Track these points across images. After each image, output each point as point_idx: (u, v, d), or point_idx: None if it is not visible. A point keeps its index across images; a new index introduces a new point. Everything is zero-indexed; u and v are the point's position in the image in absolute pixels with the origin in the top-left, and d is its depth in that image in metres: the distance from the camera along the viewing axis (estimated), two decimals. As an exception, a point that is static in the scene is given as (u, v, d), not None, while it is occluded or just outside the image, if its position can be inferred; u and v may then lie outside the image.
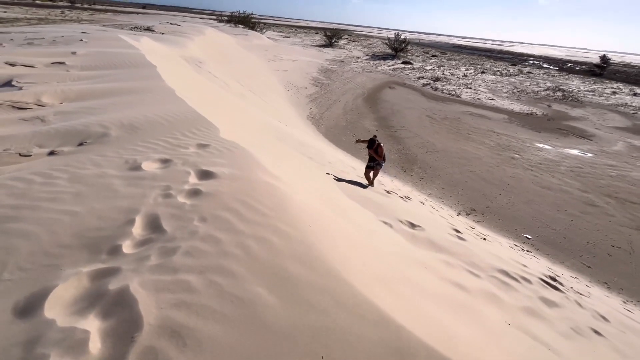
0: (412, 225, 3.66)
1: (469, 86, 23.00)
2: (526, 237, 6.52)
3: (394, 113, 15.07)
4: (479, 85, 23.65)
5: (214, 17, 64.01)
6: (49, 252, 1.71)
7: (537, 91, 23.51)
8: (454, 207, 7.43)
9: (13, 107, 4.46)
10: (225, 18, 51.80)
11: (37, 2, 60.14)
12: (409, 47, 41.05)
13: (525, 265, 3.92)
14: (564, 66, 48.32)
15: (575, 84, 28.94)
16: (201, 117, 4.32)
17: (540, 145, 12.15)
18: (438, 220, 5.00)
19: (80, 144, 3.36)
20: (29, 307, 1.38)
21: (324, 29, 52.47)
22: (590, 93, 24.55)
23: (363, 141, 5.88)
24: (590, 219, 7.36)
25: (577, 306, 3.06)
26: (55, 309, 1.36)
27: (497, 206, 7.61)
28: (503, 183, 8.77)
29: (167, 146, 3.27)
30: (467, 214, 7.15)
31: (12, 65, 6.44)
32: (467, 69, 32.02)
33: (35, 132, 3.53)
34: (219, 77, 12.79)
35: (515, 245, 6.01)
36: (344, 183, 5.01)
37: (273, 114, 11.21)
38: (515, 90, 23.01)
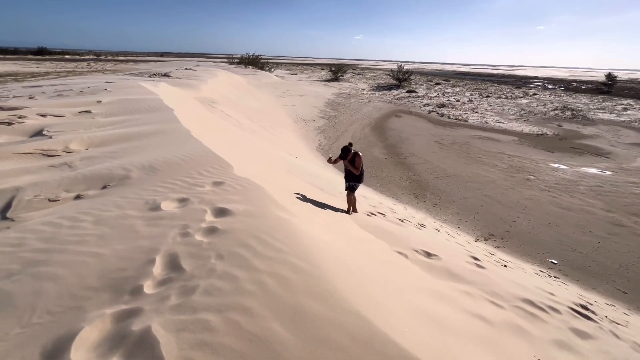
0: (428, 255, 3.59)
1: (475, 110, 23.26)
2: (551, 262, 6.22)
3: (402, 140, 15.26)
4: (485, 109, 23.89)
5: (226, 60, 68.45)
6: (76, 294, 1.78)
7: (545, 112, 23.51)
8: (471, 232, 7.24)
9: (43, 154, 4.80)
10: (235, 60, 55.32)
11: (66, 57, 66.09)
12: (412, 77, 42.42)
13: (552, 294, 3.72)
14: (570, 86, 48.56)
15: (583, 102, 28.87)
16: (215, 155, 4.53)
17: (555, 165, 11.93)
18: (455, 248, 4.87)
19: (104, 187, 3.55)
20: (56, 351, 1.42)
21: (329, 65, 55.15)
22: (601, 111, 24.36)
23: (335, 161, 4.85)
24: (618, 240, 7.00)
25: (613, 337, 2.85)
26: (81, 353, 1.40)
27: (516, 230, 7.37)
28: (520, 206, 8.55)
29: (184, 185, 3.42)
30: (486, 240, 6.94)
31: (44, 116, 7.00)
32: (471, 94, 32.56)
33: (63, 178, 3.77)
34: (231, 116, 13.44)
35: (541, 272, 5.73)
36: (356, 213, 5.01)
37: (283, 147, 11.55)
38: (522, 112, 23.08)
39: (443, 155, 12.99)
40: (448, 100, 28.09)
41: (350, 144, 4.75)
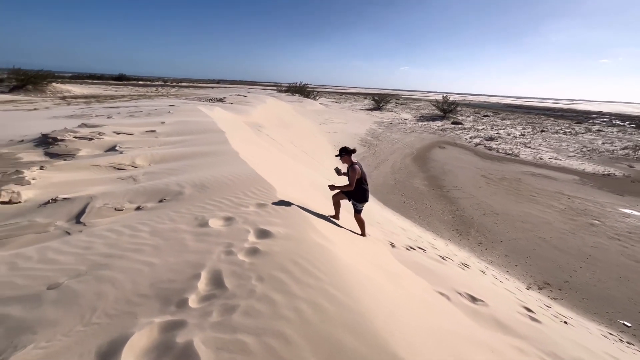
0: (473, 299, 3.31)
1: (528, 145, 21.79)
2: (624, 324, 5.35)
3: (445, 172, 14.69)
4: (540, 145, 22.27)
5: (275, 87, 73.11)
6: (130, 300, 1.93)
7: (613, 150, 21.24)
8: (521, 278, 6.55)
9: (114, 168, 5.43)
10: (284, 88, 58.84)
11: (140, 82, 75.86)
12: (458, 108, 41.40)
13: (626, 363, 3.17)
14: (643, 123, 43.63)
15: (660, 141, 25.65)
16: (260, 177, 4.75)
17: (627, 211, 10.54)
18: (504, 295, 4.43)
19: (161, 201, 3.88)
20: (110, 353, 1.54)
21: (373, 94, 56.13)
22: (683, 152, 21.38)
23: (345, 173, 4.12)
24: None
25: None
26: (130, 358, 1.50)
27: (578, 282, 6.52)
28: (583, 254, 7.61)
29: (230, 205, 3.62)
30: (540, 289, 6.22)
31: (118, 133, 7.98)
32: (524, 128, 30.72)
33: (128, 190, 4.21)
34: (276, 140, 14.11)
35: (610, 334, 4.94)
36: (395, 247, 4.84)
37: (323, 173, 11.74)
38: (584, 150, 21.10)
39: (490, 191, 12.20)
40: (497, 133, 26.76)
41: (354, 150, 3.93)
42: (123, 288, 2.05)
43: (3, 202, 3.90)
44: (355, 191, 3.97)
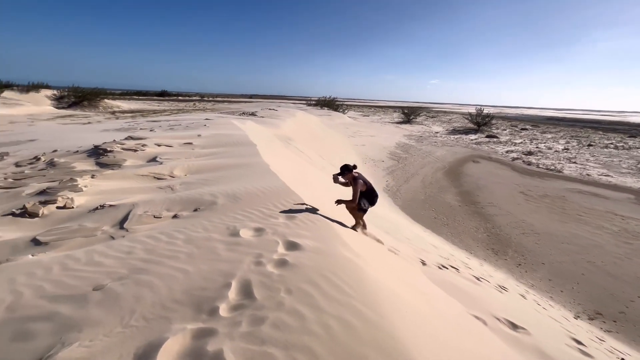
0: (514, 326, 3.06)
1: (573, 160, 20.25)
2: (695, 366, 4.65)
3: (480, 188, 14.00)
4: (587, 160, 20.61)
5: (304, 101, 74.75)
6: (166, 305, 2.02)
7: (674, 167, 19.11)
8: (568, 306, 5.98)
9: (154, 177, 5.79)
10: (313, 102, 59.96)
11: (179, 97, 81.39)
12: (493, 121, 39.69)
13: (701, 413, 2.74)
14: None
15: None
16: (290, 189, 4.82)
17: (694, 236, 9.34)
18: (548, 323, 4.05)
19: (195, 210, 4.06)
20: (146, 356, 1.60)
21: (402, 108, 55.50)
22: None
23: (344, 183, 4.24)
24: None
25: None
26: (164, 362, 1.55)
27: (636, 313, 5.82)
28: (641, 282, 6.81)
29: (261, 215, 3.70)
30: (590, 319, 5.62)
31: (159, 145, 8.54)
32: (567, 142, 28.67)
33: (166, 199, 4.46)
34: (304, 152, 14.32)
35: (678, 377, 4.32)
36: (426, 264, 4.65)
37: (351, 185, 11.66)
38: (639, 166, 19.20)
39: (530, 209, 11.42)
40: (537, 147, 25.21)
41: (354, 166, 4.08)
42: (159, 293, 2.15)
43: (59, 207, 4.29)
44: (366, 195, 4.13)
